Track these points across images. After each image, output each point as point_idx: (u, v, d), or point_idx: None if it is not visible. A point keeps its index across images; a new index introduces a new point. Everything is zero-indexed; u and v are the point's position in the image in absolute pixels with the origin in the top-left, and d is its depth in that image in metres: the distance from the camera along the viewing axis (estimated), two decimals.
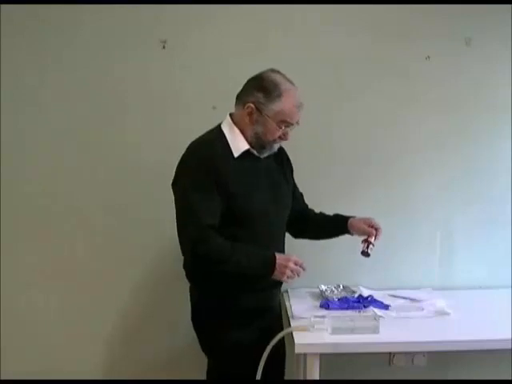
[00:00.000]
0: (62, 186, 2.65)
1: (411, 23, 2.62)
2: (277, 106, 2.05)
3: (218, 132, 2.13)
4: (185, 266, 2.19)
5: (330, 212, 2.41)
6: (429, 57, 2.63)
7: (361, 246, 2.28)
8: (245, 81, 2.15)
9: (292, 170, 2.35)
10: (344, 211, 2.63)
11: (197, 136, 2.14)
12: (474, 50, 2.63)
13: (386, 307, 2.34)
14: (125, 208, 2.65)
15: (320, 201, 2.63)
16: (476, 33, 2.62)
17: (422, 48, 2.62)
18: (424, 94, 2.65)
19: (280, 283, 2.25)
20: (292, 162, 2.33)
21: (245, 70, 2.54)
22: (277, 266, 2.06)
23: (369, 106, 2.64)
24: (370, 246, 2.27)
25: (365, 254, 2.27)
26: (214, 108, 2.58)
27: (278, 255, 2.09)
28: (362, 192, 2.68)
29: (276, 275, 2.08)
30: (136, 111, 2.62)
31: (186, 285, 2.22)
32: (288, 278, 2.08)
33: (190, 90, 2.61)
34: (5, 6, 2.54)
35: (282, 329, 2.22)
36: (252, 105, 2.06)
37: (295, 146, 2.26)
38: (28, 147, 2.63)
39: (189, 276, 2.19)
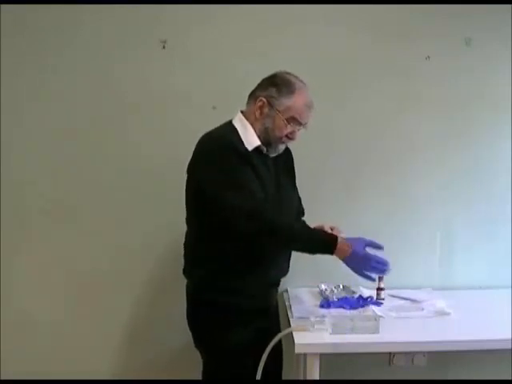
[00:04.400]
0: (62, 185, 2.65)
1: (411, 23, 2.62)
2: (288, 101, 2.07)
3: (230, 127, 2.11)
4: (189, 259, 2.17)
5: (328, 214, 2.41)
6: (429, 57, 2.63)
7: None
8: (245, 81, 2.15)
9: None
10: (344, 211, 2.65)
11: (197, 136, 2.13)
12: (474, 50, 2.63)
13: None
14: (125, 208, 2.65)
15: (320, 201, 2.63)
16: (476, 33, 2.62)
17: (422, 48, 2.63)
18: (424, 94, 2.65)
19: (278, 284, 2.25)
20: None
21: (245, 69, 2.56)
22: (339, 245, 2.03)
23: (369, 105, 2.64)
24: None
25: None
26: (213, 108, 2.58)
27: (340, 239, 2.04)
28: (361, 192, 2.68)
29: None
30: (136, 111, 2.62)
31: None
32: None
33: (190, 91, 2.61)
34: (5, 6, 2.53)
35: (279, 329, 2.23)
36: (264, 99, 2.07)
37: (295, 146, 2.26)
38: (28, 147, 2.63)
39: (188, 271, 2.17)
